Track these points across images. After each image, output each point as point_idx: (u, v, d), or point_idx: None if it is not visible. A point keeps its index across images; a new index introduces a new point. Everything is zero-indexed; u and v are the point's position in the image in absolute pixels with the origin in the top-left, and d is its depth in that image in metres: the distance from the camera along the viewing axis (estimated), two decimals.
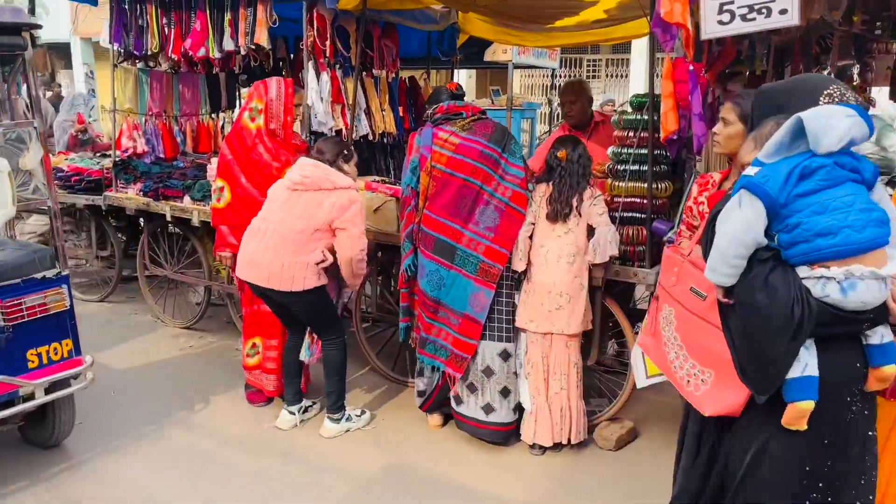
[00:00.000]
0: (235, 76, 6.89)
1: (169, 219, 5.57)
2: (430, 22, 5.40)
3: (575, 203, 3.72)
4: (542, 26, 4.62)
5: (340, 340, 4.09)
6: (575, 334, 3.79)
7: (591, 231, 3.74)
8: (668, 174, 3.85)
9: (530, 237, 3.81)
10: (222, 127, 6.86)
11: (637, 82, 16.40)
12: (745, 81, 3.99)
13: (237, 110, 7.07)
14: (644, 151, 3.75)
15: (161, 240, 5.98)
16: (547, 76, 15.75)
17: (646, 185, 3.77)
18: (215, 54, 4.92)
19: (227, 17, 4.84)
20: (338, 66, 4.84)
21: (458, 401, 3.95)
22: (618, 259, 3.86)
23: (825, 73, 4.28)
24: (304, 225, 3.76)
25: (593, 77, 17.16)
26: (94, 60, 19.35)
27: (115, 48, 5.52)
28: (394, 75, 5.45)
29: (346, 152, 3.96)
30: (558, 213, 3.72)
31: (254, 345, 4.41)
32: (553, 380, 3.82)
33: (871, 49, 4.11)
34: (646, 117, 3.73)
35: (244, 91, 7.46)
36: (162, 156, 6.19)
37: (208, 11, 4.94)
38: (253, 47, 4.76)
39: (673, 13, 3.03)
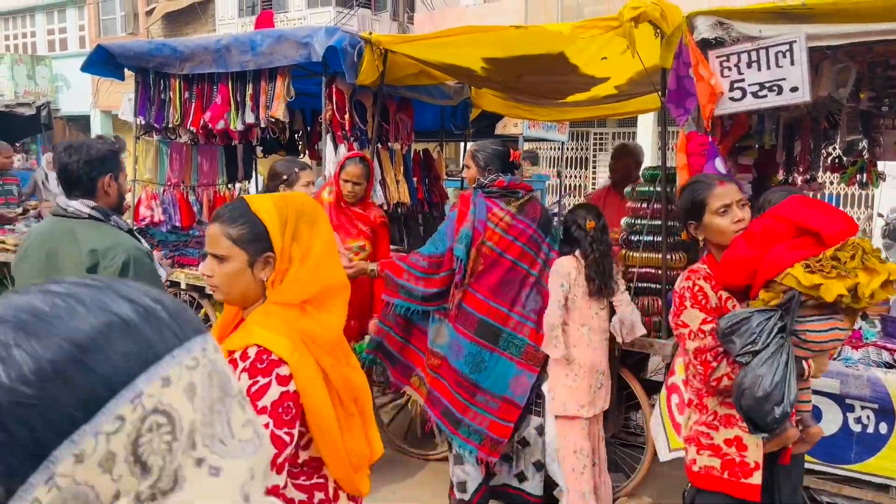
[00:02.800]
0: (253, 148, 7.05)
1: (183, 286, 5.61)
2: (444, 97, 5.56)
3: (617, 278, 3.66)
4: (554, 101, 4.76)
5: None
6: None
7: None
8: (682, 245, 3.88)
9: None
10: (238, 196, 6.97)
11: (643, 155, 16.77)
12: (756, 155, 4.07)
13: (252, 181, 7.23)
14: (658, 222, 3.79)
15: None
16: (556, 148, 16.03)
17: (659, 255, 3.80)
18: (238, 126, 5.05)
19: (249, 91, 5.00)
20: (354, 138, 4.95)
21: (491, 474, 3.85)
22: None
23: (832, 147, 4.35)
24: None
25: (600, 150, 17.48)
26: (112, 132, 19.86)
27: (139, 121, 5.68)
28: (408, 147, 5.58)
29: (285, 178, 3.80)
30: (602, 288, 3.56)
31: None
32: (586, 457, 3.73)
33: (878, 125, 4.20)
34: (659, 189, 3.79)
35: (261, 163, 7.65)
36: (178, 224, 6.28)
37: (230, 85, 5.10)
38: (272, 120, 4.89)
39: (717, 85, 3.13)
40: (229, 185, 6.89)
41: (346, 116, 4.75)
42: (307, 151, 6.46)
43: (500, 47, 3.85)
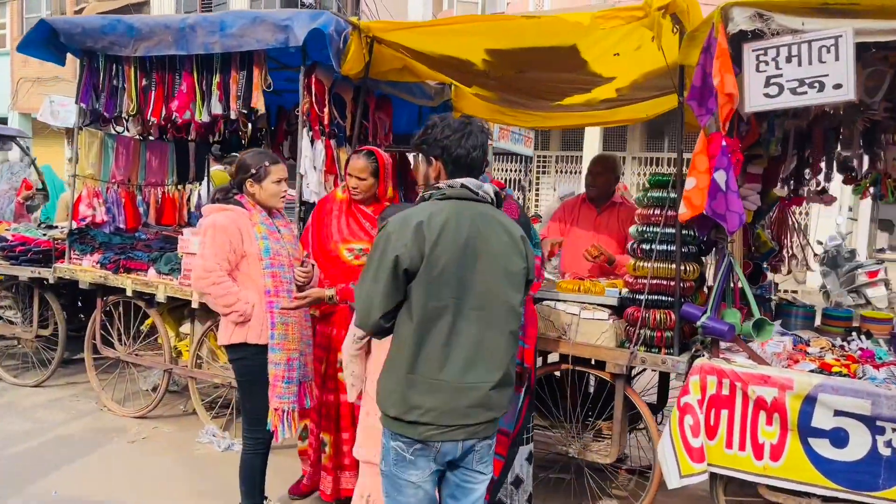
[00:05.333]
0: (206, 146, 6.54)
1: (130, 294, 5.05)
2: (425, 97, 5.24)
3: None
4: (549, 104, 4.51)
5: (260, 442, 3.40)
6: None
7: None
8: (695, 255, 3.65)
9: None
10: (188, 199, 6.44)
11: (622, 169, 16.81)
12: (765, 164, 3.90)
13: (205, 182, 6.70)
14: (671, 231, 3.55)
15: (115, 318, 5.42)
16: (521, 162, 15.87)
17: (672, 265, 3.56)
18: (204, 118, 4.58)
19: (216, 79, 4.55)
20: (331, 135, 4.56)
21: None
22: (643, 345, 3.59)
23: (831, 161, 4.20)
24: None
25: (544, 173, 17.47)
26: (31, 135, 18.74)
27: (83, 108, 5.12)
28: (385, 149, 5.20)
29: (253, 172, 3.32)
30: None
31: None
32: None
33: (880, 140, 4.10)
34: (674, 195, 3.55)
35: (218, 164, 7.13)
36: (122, 226, 5.71)
37: (195, 73, 4.64)
38: (245, 112, 4.45)
39: (725, 84, 2.89)
40: (179, 186, 6.35)
41: (326, 110, 4.35)
42: (271, 151, 5.99)
43: (508, 37, 3.56)
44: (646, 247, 3.63)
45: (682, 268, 3.54)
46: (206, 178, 6.63)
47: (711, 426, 3.43)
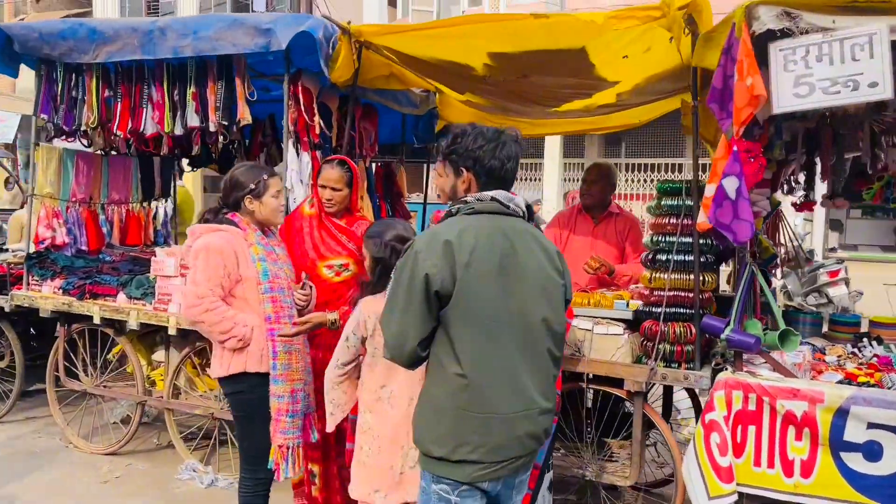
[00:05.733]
0: (171, 161, 6.18)
1: (97, 321, 4.67)
2: (411, 105, 5.01)
3: None
4: (546, 109, 4.34)
5: (261, 483, 3.15)
6: None
7: None
8: (711, 265, 3.50)
9: None
10: (154, 216, 6.07)
11: (550, 185, 16.79)
12: (774, 168, 3.79)
13: (170, 199, 6.34)
14: (688, 240, 3.40)
15: (79, 347, 5.03)
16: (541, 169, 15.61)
17: (690, 276, 3.40)
18: (177, 130, 4.26)
19: (192, 90, 4.24)
20: (318, 146, 4.30)
21: None
22: (662, 361, 3.42)
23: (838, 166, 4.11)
24: None
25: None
26: None
27: (43, 122, 4.73)
28: (370, 161, 4.96)
29: (252, 188, 3.06)
30: None
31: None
32: None
33: (880, 142, 4.04)
34: (689, 203, 3.41)
35: (184, 177, 6.77)
36: (85, 248, 5.32)
37: (166, 83, 4.31)
38: (225, 123, 4.15)
39: (755, 86, 2.75)
40: (144, 203, 5.98)
41: (315, 120, 4.09)
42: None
43: (513, 40, 3.37)
44: (662, 257, 3.46)
45: (700, 278, 3.39)
46: (172, 194, 6.27)
47: (738, 443, 3.28)
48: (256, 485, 3.09)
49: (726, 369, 3.38)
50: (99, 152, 5.54)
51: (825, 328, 4.21)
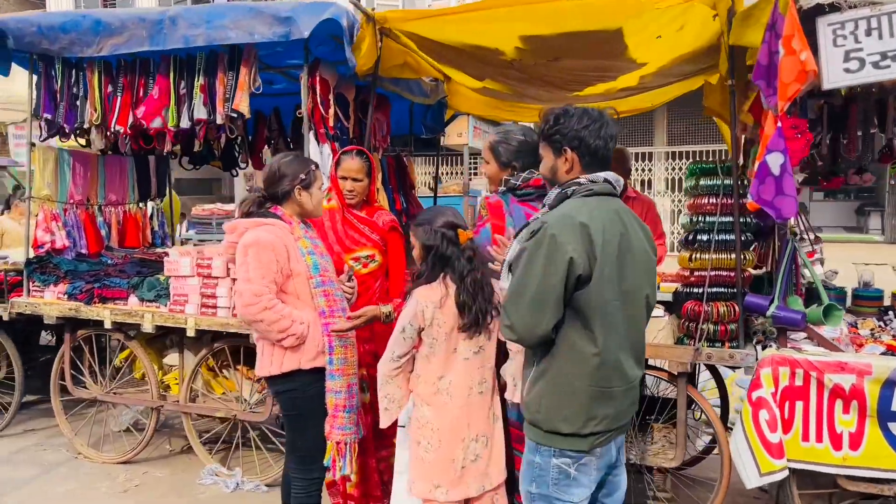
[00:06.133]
0: (166, 160, 6.00)
1: (108, 325, 4.50)
2: (422, 95, 4.93)
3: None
4: (567, 94, 4.30)
5: (314, 483, 3.04)
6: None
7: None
8: (751, 244, 3.51)
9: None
10: (151, 217, 5.88)
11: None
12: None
13: (166, 199, 6.15)
14: (728, 219, 3.40)
15: (85, 354, 4.85)
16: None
17: (731, 255, 3.40)
18: (184, 124, 4.11)
19: (200, 81, 4.09)
20: (334, 138, 4.20)
21: None
22: (704, 340, 3.42)
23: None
24: None
25: (474, 175, 17.31)
26: None
27: (48, 120, 4.52)
28: (383, 152, 4.86)
29: (302, 177, 2.96)
30: (480, 320, 2.70)
31: None
32: None
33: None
34: (728, 182, 3.41)
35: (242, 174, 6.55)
36: (84, 251, 5.13)
37: (172, 76, 4.16)
38: (234, 115, 4.02)
39: (808, 61, 2.74)
40: (140, 204, 5.79)
41: (331, 111, 3.98)
42: (249, 161, 5.52)
43: (547, 22, 3.32)
44: (703, 237, 3.46)
45: (741, 257, 3.40)
46: (167, 194, 6.08)
47: (786, 419, 3.30)
48: (310, 485, 2.99)
49: (770, 346, 3.39)
50: (95, 152, 5.33)
51: (849, 303, 4.26)
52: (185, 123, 4.10)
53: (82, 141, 5.13)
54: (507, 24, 3.42)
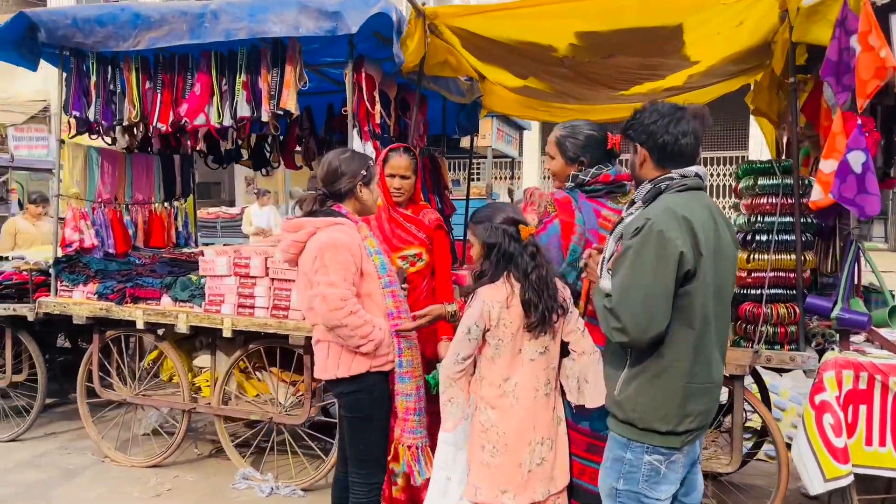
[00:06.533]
0: (191, 160, 5.91)
1: (141, 326, 4.41)
2: (459, 94, 4.86)
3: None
4: (611, 93, 4.24)
5: (375, 488, 2.95)
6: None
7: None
8: (811, 244, 3.45)
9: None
10: (175, 216, 5.79)
11: (529, 183, 16.73)
12: None
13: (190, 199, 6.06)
14: (788, 220, 3.34)
15: (113, 355, 4.75)
16: (507, 167, 15.50)
17: (791, 256, 3.34)
18: (226, 121, 4.04)
19: (242, 78, 4.02)
20: (377, 136, 4.13)
21: None
22: (762, 343, 3.35)
23: None
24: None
25: (478, 178, 17.22)
26: None
27: (77, 117, 4.44)
28: (419, 151, 4.78)
29: (363, 173, 2.87)
30: (546, 318, 2.61)
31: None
32: None
33: None
34: (788, 181, 3.35)
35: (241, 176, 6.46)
36: (112, 250, 5.04)
37: (214, 72, 4.09)
38: (280, 112, 3.94)
39: (889, 57, 2.69)
40: (166, 204, 5.70)
41: (376, 108, 3.91)
42: (281, 160, 5.44)
43: (607, 18, 3.26)
44: (762, 238, 3.39)
45: (801, 257, 3.34)
46: (192, 192, 5.98)
47: (849, 423, 3.24)
48: (370, 490, 2.90)
49: (831, 349, 3.34)
50: (122, 150, 5.25)
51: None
52: (227, 121, 4.02)
53: (108, 139, 5.05)
54: (564, 20, 3.36)
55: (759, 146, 13.21)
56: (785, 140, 4.39)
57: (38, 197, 7.75)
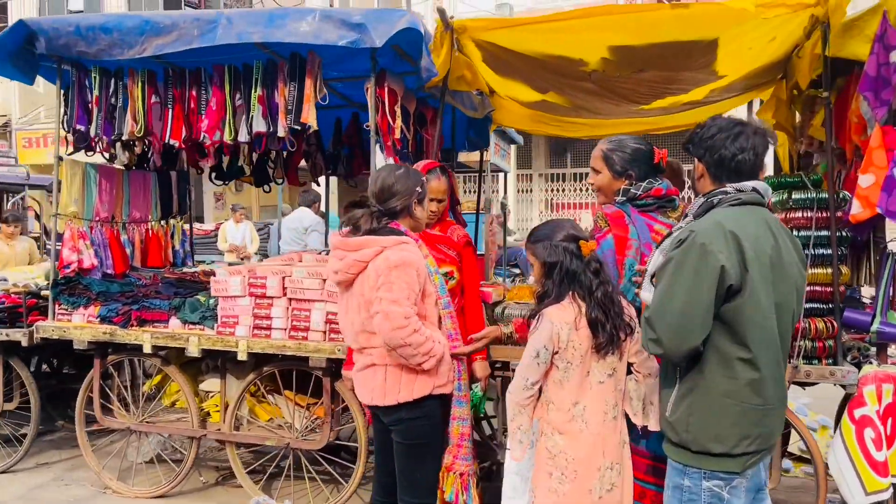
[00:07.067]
0: (187, 176, 5.74)
1: (148, 350, 4.23)
2: (472, 108, 4.80)
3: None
4: (632, 108, 4.21)
5: None
6: None
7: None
8: (846, 258, 3.46)
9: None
10: (172, 236, 5.60)
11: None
12: None
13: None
14: (825, 234, 3.34)
15: (115, 381, 4.55)
16: (500, 181, 15.37)
17: (828, 270, 3.33)
18: (242, 137, 3.91)
19: (258, 92, 3.90)
20: (396, 151, 4.04)
21: None
22: (801, 358, 3.33)
23: None
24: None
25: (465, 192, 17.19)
26: None
27: (81, 132, 4.26)
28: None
29: (419, 190, 2.82)
30: (615, 338, 2.56)
31: None
32: None
33: None
34: (823, 195, 3.35)
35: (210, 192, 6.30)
36: (111, 271, 4.84)
37: (228, 87, 3.96)
38: (298, 128, 3.83)
39: None
40: (162, 222, 5.51)
41: (398, 122, 3.83)
42: (285, 177, 5.30)
43: (642, 32, 3.23)
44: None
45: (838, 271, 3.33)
46: (187, 211, 5.80)
47: (888, 436, 3.24)
48: None
49: (868, 363, 3.33)
50: (120, 167, 5.06)
51: None
52: (243, 137, 3.89)
53: (107, 155, 4.87)
54: (597, 33, 3.32)
55: None
56: (797, 154, 4.42)
57: (11, 216, 7.43)
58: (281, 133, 3.85)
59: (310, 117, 3.79)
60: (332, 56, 3.96)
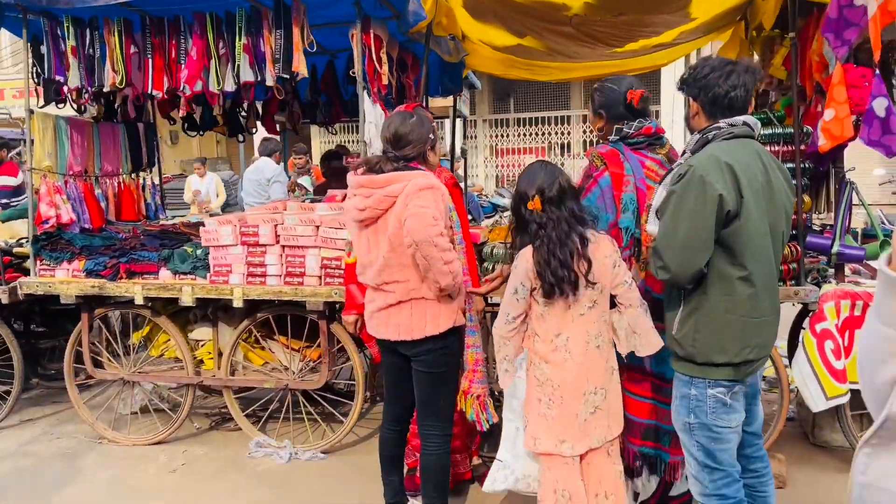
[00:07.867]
0: (154, 128, 5.66)
1: (139, 301, 4.27)
2: (447, 53, 4.87)
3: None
4: (607, 50, 4.37)
5: (450, 438, 3.05)
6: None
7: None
8: (809, 188, 3.76)
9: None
10: (143, 188, 5.56)
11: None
12: None
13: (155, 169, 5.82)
14: (790, 166, 3.62)
15: (103, 333, 4.59)
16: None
17: None
18: (229, 86, 3.92)
19: (242, 41, 3.90)
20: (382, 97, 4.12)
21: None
22: None
23: None
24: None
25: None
26: None
27: (60, 83, 4.18)
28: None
29: (432, 137, 2.92)
30: (556, 289, 2.66)
31: None
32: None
33: None
34: (789, 130, 3.63)
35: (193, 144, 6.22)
36: (88, 225, 4.81)
37: (210, 35, 3.94)
38: (287, 76, 3.87)
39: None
40: (133, 175, 5.46)
41: (384, 69, 3.91)
42: (258, 125, 5.29)
43: None
44: None
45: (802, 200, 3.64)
46: (156, 163, 5.74)
47: (846, 347, 3.61)
48: (446, 441, 2.98)
49: (829, 282, 3.68)
50: (89, 119, 4.98)
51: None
52: (229, 86, 3.90)
53: (77, 107, 4.78)
54: None
55: (670, 101, 13.71)
56: (756, 92, 4.70)
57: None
58: (269, 82, 3.88)
59: (301, 66, 3.82)
60: (312, 3, 3.98)
